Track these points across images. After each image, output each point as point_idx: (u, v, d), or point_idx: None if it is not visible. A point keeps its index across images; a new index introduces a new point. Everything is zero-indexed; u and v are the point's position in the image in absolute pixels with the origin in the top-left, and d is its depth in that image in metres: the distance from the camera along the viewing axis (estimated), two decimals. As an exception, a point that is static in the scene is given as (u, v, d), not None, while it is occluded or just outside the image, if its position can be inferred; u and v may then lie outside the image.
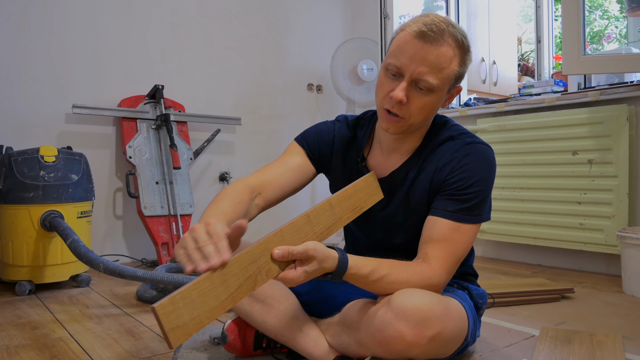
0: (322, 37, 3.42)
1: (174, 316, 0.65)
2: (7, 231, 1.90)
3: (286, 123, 3.26)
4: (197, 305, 0.68)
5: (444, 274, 0.98)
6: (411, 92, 0.97)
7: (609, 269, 2.25)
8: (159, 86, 2.58)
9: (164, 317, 0.64)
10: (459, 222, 1.00)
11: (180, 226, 2.50)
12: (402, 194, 1.10)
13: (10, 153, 1.94)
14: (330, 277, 0.88)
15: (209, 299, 0.70)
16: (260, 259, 0.79)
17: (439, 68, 0.95)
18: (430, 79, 0.95)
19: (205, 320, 0.68)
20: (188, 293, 0.67)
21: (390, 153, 1.12)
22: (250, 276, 0.76)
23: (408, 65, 0.95)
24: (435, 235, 1.00)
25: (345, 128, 1.19)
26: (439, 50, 0.95)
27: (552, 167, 2.34)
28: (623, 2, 3.85)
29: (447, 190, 1.03)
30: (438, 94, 0.99)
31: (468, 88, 3.19)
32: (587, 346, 1.24)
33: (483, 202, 1.03)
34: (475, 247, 2.76)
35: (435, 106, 1.01)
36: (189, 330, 0.67)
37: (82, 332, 1.42)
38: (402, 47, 0.97)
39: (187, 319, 0.67)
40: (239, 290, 0.74)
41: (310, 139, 1.18)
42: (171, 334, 0.65)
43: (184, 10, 2.87)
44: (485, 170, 1.03)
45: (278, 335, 1.09)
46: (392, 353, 0.91)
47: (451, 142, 1.07)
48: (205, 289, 0.69)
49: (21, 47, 2.38)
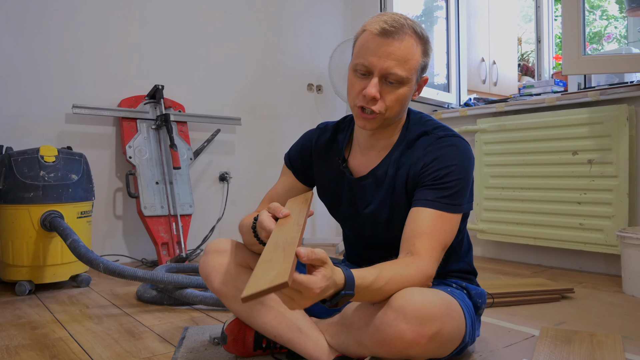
0: (322, 37, 3.42)
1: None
2: (7, 231, 1.90)
3: (286, 123, 3.26)
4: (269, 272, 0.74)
5: (434, 262, 1.00)
6: (383, 87, 1.02)
7: (609, 269, 2.25)
8: (159, 86, 2.58)
9: (267, 285, 0.69)
10: (441, 211, 1.02)
11: (180, 226, 2.50)
12: (383, 190, 1.13)
13: (10, 153, 1.94)
14: (343, 294, 0.83)
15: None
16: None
17: (405, 60, 1.01)
18: (399, 72, 1.00)
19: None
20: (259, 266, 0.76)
21: (369, 151, 1.16)
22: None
23: (376, 62, 1.00)
24: (419, 226, 1.01)
25: (325, 134, 1.24)
26: (402, 44, 1.00)
27: (552, 167, 2.34)
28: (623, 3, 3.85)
29: (425, 182, 1.05)
30: (408, 85, 1.04)
31: (468, 88, 3.18)
32: (587, 346, 1.24)
33: (463, 192, 1.05)
34: (475, 247, 2.77)
35: (407, 98, 1.06)
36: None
37: (82, 332, 1.42)
38: (367, 46, 1.02)
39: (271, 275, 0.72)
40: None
41: (293, 157, 1.27)
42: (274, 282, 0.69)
43: (184, 10, 2.87)
44: (459, 159, 1.06)
45: (277, 337, 1.09)
46: (392, 353, 0.91)
47: (425, 137, 1.10)
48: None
49: (21, 47, 2.38)
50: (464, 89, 3.12)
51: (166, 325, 1.49)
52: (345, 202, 1.20)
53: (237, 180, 3.03)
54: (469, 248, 1.24)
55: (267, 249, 0.83)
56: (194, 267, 2.20)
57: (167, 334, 1.40)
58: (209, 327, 1.42)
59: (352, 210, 1.19)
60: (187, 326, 1.45)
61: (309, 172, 1.26)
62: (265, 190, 1.40)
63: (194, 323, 1.50)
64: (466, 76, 3.15)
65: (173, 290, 1.67)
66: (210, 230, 2.77)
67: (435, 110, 2.99)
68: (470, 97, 3.05)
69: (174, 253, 2.46)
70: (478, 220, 2.67)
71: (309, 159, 1.26)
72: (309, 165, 1.26)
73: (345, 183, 1.19)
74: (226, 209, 2.95)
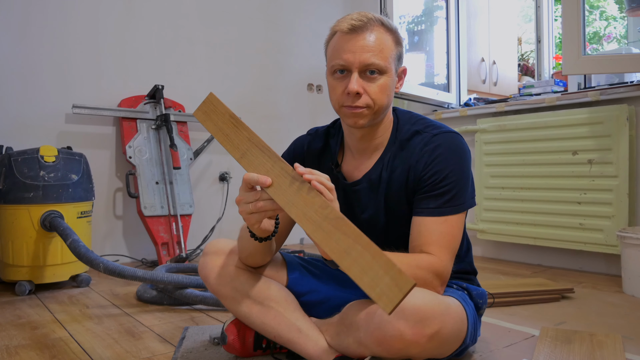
0: (322, 37, 3.38)
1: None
2: (7, 231, 1.90)
3: (286, 123, 3.26)
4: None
5: (448, 262, 1.01)
6: (364, 82, 1.02)
7: (609, 269, 2.25)
8: (159, 86, 2.58)
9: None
10: (445, 216, 1.02)
11: (180, 226, 2.50)
12: (379, 195, 1.11)
13: (10, 153, 1.94)
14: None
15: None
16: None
17: (379, 49, 1.02)
18: (376, 61, 1.01)
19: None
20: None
21: (361, 155, 1.14)
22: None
23: (352, 57, 1.01)
24: (425, 235, 1.01)
25: (316, 140, 1.23)
26: (372, 35, 1.02)
27: (552, 167, 2.34)
28: (622, 3, 3.85)
29: (424, 188, 1.05)
30: (388, 74, 1.04)
31: (468, 88, 3.18)
32: (587, 346, 1.24)
33: (463, 191, 1.05)
34: (475, 247, 2.77)
35: (390, 88, 1.06)
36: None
37: (82, 332, 1.42)
38: (339, 46, 1.04)
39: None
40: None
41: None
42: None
43: (184, 10, 2.87)
44: (456, 160, 1.05)
45: (277, 337, 1.09)
46: (391, 352, 0.91)
47: (418, 136, 1.09)
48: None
49: (21, 47, 2.38)
50: (464, 89, 3.12)
51: (166, 325, 1.49)
52: (340, 208, 1.19)
53: (237, 180, 3.03)
54: (468, 248, 1.23)
55: (314, 232, 0.83)
56: (194, 267, 2.20)
57: (167, 334, 1.40)
58: (209, 327, 1.42)
59: (349, 217, 1.16)
60: (187, 326, 1.45)
61: None
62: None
63: (194, 323, 1.50)
64: (466, 76, 3.15)
65: (173, 290, 1.67)
66: (210, 230, 2.77)
67: (435, 110, 2.99)
68: (470, 97, 3.05)
69: (174, 253, 2.46)
70: (478, 220, 2.67)
71: (301, 164, 1.23)
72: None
73: (339, 189, 1.16)
74: (226, 209, 2.95)
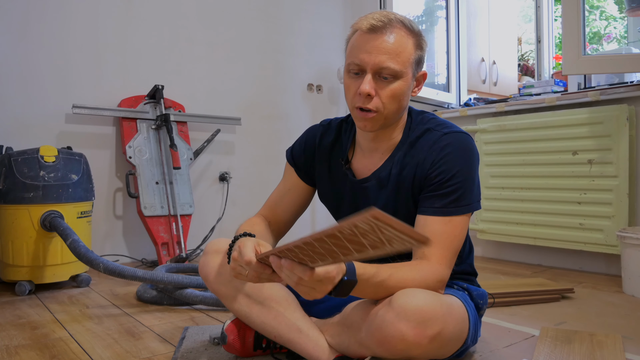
0: (322, 37, 3.42)
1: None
2: (7, 231, 1.90)
3: (286, 123, 3.26)
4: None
5: (445, 268, 1.00)
6: (377, 84, 1.00)
7: (609, 269, 2.25)
8: (159, 86, 2.58)
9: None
10: (449, 216, 1.01)
11: (180, 226, 2.50)
12: (387, 192, 1.11)
13: (10, 153, 1.94)
14: (345, 279, 0.84)
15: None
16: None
17: (396, 53, 0.99)
18: (392, 65, 0.98)
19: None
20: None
21: (371, 154, 1.14)
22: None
23: (367, 58, 0.99)
24: (428, 234, 1.00)
25: (328, 133, 1.22)
26: (392, 37, 0.99)
27: (552, 167, 2.34)
28: (622, 3, 3.85)
29: (431, 186, 1.04)
30: (404, 79, 1.01)
31: (468, 88, 3.19)
32: (587, 346, 1.24)
33: (469, 192, 1.04)
34: (475, 247, 2.77)
35: (405, 93, 1.03)
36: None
37: (82, 332, 1.42)
38: (357, 45, 1.01)
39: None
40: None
41: (296, 153, 1.25)
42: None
43: (184, 10, 2.87)
44: (465, 160, 1.04)
45: (277, 337, 1.09)
46: (392, 353, 0.90)
47: (429, 134, 1.08)
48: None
49: (21, 47, 2.38)
50: (464, 89, 3.12)
51: (166, 325, 1.49)
52: (347, 204, 1.19)
53: (237, 180, 3.03)
54: (470, 250, 1.23)
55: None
56: (194, 267, 2.20)
57: (167, 334, 1.40)
58: (209, 327, 1.42)
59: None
60: (187, 326, 1.45)
61: (311, 171, 1.24)
62: (265, 190, 1.40)
63: (194, 323, 1.50)
64: (466, 76, 3.15)
65: (173, 290, 1.67)
66: (210, 230, 2.77)
67: (435, 110, 2.99)
68: (470, 97, 3.05)
69: (174, 253, 2.46)
70: (478, 220, 2.67)
71: (312, 156, 1.23)
72: (311, 163, 1.23)
73: (347, 185, 1.17)
74: (226, 209, 2.95)
